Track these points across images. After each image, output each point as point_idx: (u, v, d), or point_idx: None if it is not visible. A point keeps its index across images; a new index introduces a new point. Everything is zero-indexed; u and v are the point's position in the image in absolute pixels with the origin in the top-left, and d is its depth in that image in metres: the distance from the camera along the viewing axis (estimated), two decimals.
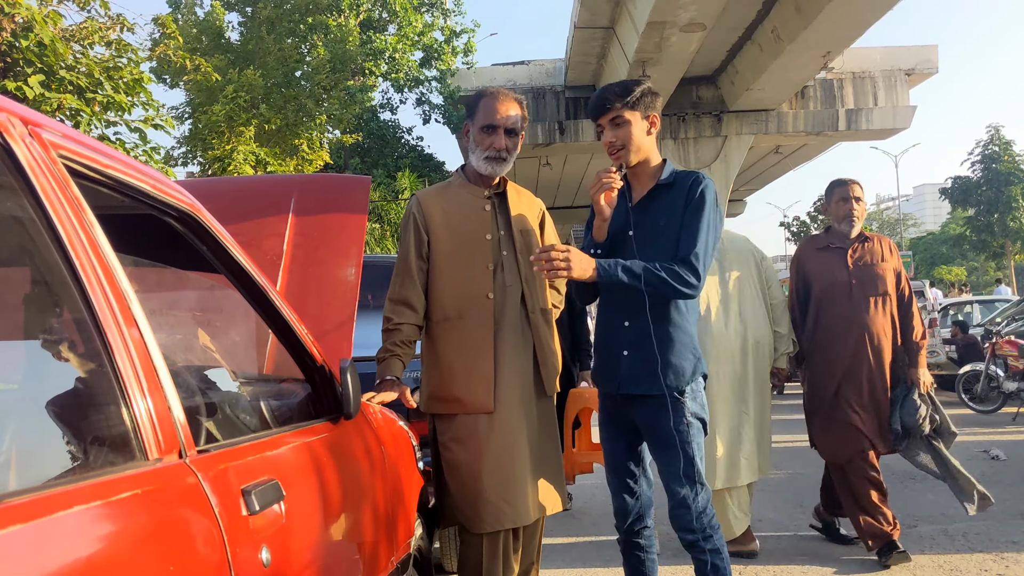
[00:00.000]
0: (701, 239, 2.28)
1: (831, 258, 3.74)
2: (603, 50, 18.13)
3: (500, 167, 2.51)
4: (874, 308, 3.63)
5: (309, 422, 1.76)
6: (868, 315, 3.62)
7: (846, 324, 3.63)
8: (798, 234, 37.73)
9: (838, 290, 3.67)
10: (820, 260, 3.78)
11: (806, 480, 5.69)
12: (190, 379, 1.64)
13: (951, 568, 3.54)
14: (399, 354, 2.45)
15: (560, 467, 2.59)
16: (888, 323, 3.65)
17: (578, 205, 29.76)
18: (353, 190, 3.07)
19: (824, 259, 3.76)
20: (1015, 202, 28.17)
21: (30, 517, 0.82)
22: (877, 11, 14.56)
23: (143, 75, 7.42)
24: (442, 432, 2.46)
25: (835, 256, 3.73)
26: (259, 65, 14.64)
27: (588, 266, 2.21)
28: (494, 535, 2.38)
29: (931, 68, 20.94)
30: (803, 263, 3.86)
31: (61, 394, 1.19)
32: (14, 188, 1.01)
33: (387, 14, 20.58)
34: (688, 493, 2.30)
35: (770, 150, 24.03)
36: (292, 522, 1.39)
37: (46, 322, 1.31)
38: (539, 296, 2.55)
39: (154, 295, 1.97)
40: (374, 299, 3.54)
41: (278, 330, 1.73)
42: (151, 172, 1.35)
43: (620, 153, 2.37)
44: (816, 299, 3.74)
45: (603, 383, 2.46)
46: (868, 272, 3.67)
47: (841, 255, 3.72)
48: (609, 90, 2.39)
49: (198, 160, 14.24)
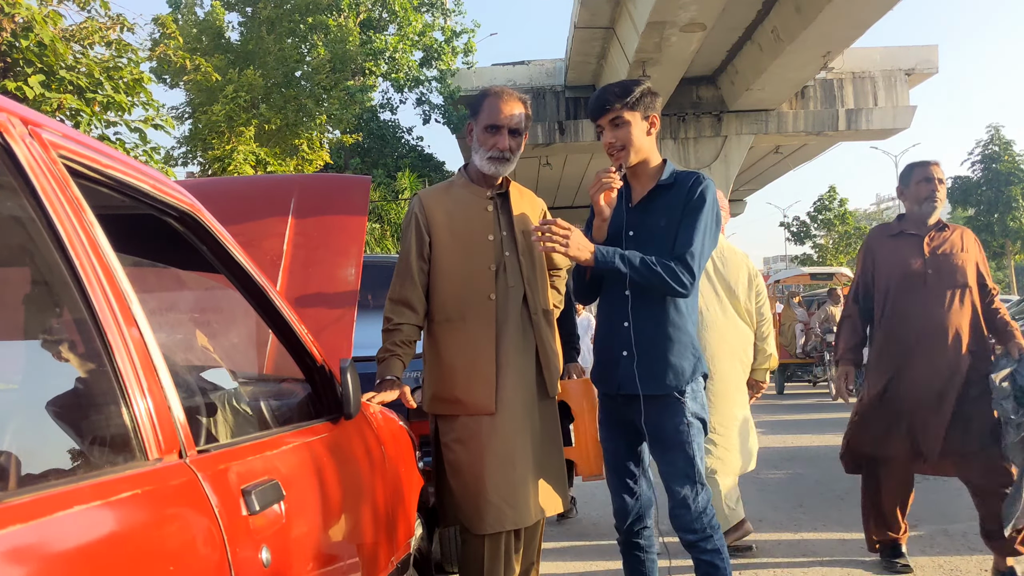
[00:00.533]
0: (698, 239, 2.28)
1: (904, 246, 3.40)
2: (603, 50, 18.15)
3: (503, 167, 2.50)
4: (952, 301, 3.28)
5: (309, 422, 1.76)
6: (944, 308, 3.28)
7: (919, 317, 3.30)
8: (798, 234, 37.75)
9: (911, 281, 3.34)
10: (892, 248, 3.44)
11: (806, 480, 5.69)
12: (190, 379, 1.64)
13: (951, 568, 3.54)
14: (399, 354, 2.45)
15: (562, 468, 2.58)
16: (967, 318, 3.28)
17: (578, 205, 29.78)
18: (353, 190, 3.07)
19: (896, 247, 3.43)
20: (1015, 202, 28.17)
21: (30, 517, 0.82)
22: (877, 11, 14.57)
23: (143, 75, 7.43)
24: (444, 433, 2.46)
25: (909, 244, 3.39)
26: (259, 65, 14.65)
27: (586, 248, 2.21)
28: (495, 536, 2.38)
29: (931, 68, 20.96)
30: (872, 251, 3.51)
31: (61, 394, 1.19)
32: (14, 188, 1.01)
33: (387, 14, 20.59)
34: (688, 493, 2.30)
35: (770, 150, 24.04)
36: (292, 522, 1.39)
37: (46, 322, 1.31)
38: (541, 297, 2.55)
39: (154, 295, 1.97)
40: (374, 299, 3.54)
41: (278, 330, 1.73)
42: (151, 172, 1.35)
43: (620, 154, 2.37)
44: (885, 290, 3.41)
45: (603, 383, 2.46)
46: (946, 262, 3.32)
47: (916, 243, 3.38)
48: (608, 91, 2.38)
49: (198, 160, 14.26)
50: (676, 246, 2.29)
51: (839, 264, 32.06)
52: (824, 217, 36.46)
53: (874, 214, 60.72)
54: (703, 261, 2.31)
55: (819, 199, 36.85)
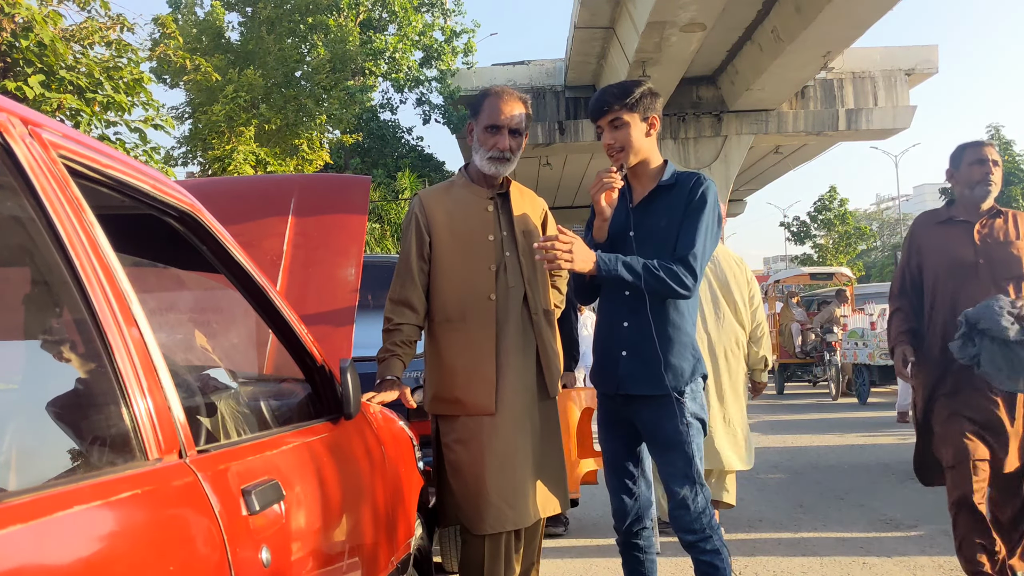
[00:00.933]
0: (699, 240, 2.29)
1: (953, 233, 3.12)
2: (603, 50, 18.14)
3: (504, 167, 2.50)
4: (1007, 294, 2.99)
5: (309, 422, 1.76)
6: None
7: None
8: (798, 234, 37.75)
9: (961, 271, 3.06)
10: (939, 235, 3.16)
11: (806, 480, 5.69)
12: (190, 379, 1.64)
13: (951, 568, 3.54)
14: (399, 354, 2.45)
15: (562, 468, 2.58)
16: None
17: (578, 205, 29.77)
18: (353, 190, 3.07)
19: (944, 234, 3.15)
20: (1015, 202, 28.13)
21: (30, 517, 0.82)
22: (877, 11, 14.57)
23: (143, 75, 7.43)
24: (445, 433, 2.46)
25: (958, 231, 3.11)
26: (259, 65, 14.64)
27: (589, 259, 2.22)
28: (496, 536, 2.38)
29: (931, 68, 20.96)
30: (918, 238, 3.24)
31: (61, 394, 1.19)
32: (14, 188, 1.01)
33: (387, 14, 20.60)
34: (688, 493, 2.30)
35: (770, 150, 24.04)
36: (292, 522, 1.39)
37: (46, 322, 1.31)
38: (541, 297, 2.55)
39: (154, 295, 1.97)
40: (374, 299, 3.54)
41: (278, 330, 1.73)
42: (151, 172, 1.35)
43: (619, 155, 2.37)
44: (932, 280, 3.14)
45: (602, 383, 2.46)
46: (999, 251, 3.05)
47: (966, 230, 3.09)
48: (608, 92, 2.38)
49: (198, 160, 14.26)
50: (678, 248, 2.29)
51: (839, 264, 32.05)
52: (824, 217, 36.47)
53: (874, 214, 60.69)
54: (705, 261, 2.31)
55: (819, 199, 36.84)
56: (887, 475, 5.72)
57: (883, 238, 51.67)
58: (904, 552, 3.83)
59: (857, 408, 10.58)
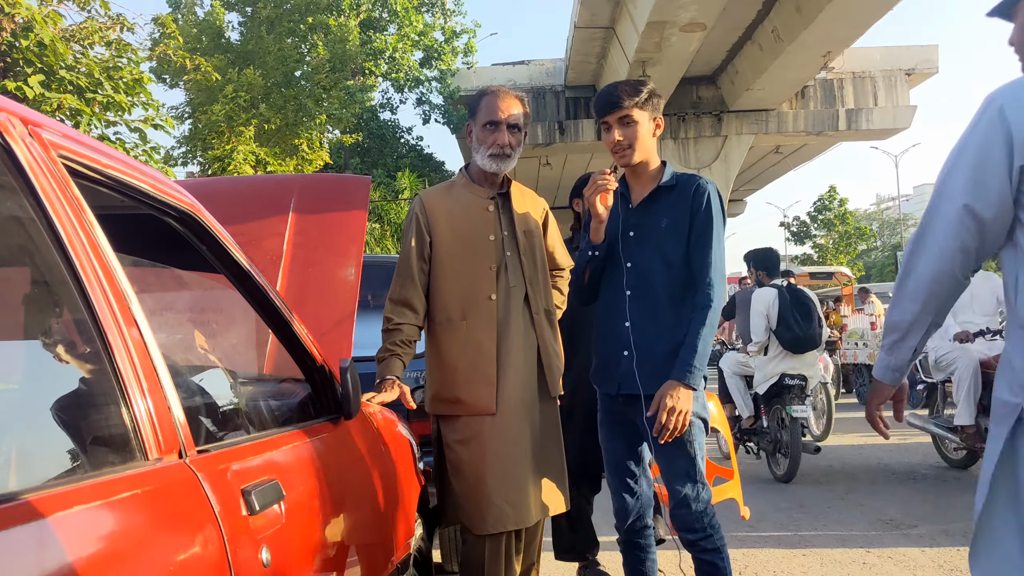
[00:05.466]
0: (713, 256, 2.32)
1: None
2: (603, 50, 18.15)
3: (504, 164, 2.50)
4: None
5: (309, 422, 1.76)
6: None
7: None
8: (798, 234, 37.78)
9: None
10: None
11: (806, 480, 5.69)
12: (190, 379, 1.64)
13: (951, 568, 3.54)
14: (399, 354, 2.44)
15: (563, 468, 2.58)
16: None
17: None
18: (353, 190, 3.07)
19: None
20: None
21: (30, 517, 0.82)
22: (877, 11, 14.58)
23: (143, 75, 7.43)
24: (446, 433, 2.46)
25: None
26: (259, 65, 14.65)
27: (688, 396, 2.24)
28: (497, 536, 2.38)
29: (931, 68, 20.96)
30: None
31: (61, 395, 1.18)
32: (14, 188, 1.01)
33: (387, 14, 20.61)
34: (689, 492, 2.30)
35: (770, 150, 24.05)
36: (292, 522, 1.39)
37: (46, 322, 1.31)
38: (542, 297, 2.54)
39: (154, 295, 1.97)
40: (374, 299, 3.53)
41: (278, 330, 1.73)
42: (151, 172, 1.35)
43: (626, 152, 2.36)
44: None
45: (603, 383, 2.46)
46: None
47: None
48: (620, 88, 2.36)
49: (198, 160, 14.26)
50: (695, 270, 2.31)
51: (839, 264, 32.04)
52: (824, 217, 36.50)
53: (874, 214, 60.70)
54: (721, 270, 2.35)
55: (819, 199, 36.87)
56: (887, 475, 5.72)
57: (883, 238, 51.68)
58: (904, 552, 3.83)
59: (857, 408, 10.58)
